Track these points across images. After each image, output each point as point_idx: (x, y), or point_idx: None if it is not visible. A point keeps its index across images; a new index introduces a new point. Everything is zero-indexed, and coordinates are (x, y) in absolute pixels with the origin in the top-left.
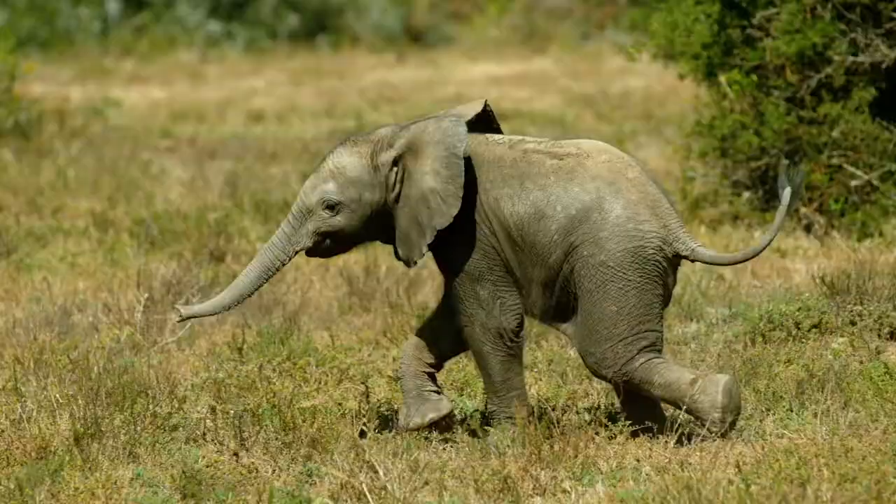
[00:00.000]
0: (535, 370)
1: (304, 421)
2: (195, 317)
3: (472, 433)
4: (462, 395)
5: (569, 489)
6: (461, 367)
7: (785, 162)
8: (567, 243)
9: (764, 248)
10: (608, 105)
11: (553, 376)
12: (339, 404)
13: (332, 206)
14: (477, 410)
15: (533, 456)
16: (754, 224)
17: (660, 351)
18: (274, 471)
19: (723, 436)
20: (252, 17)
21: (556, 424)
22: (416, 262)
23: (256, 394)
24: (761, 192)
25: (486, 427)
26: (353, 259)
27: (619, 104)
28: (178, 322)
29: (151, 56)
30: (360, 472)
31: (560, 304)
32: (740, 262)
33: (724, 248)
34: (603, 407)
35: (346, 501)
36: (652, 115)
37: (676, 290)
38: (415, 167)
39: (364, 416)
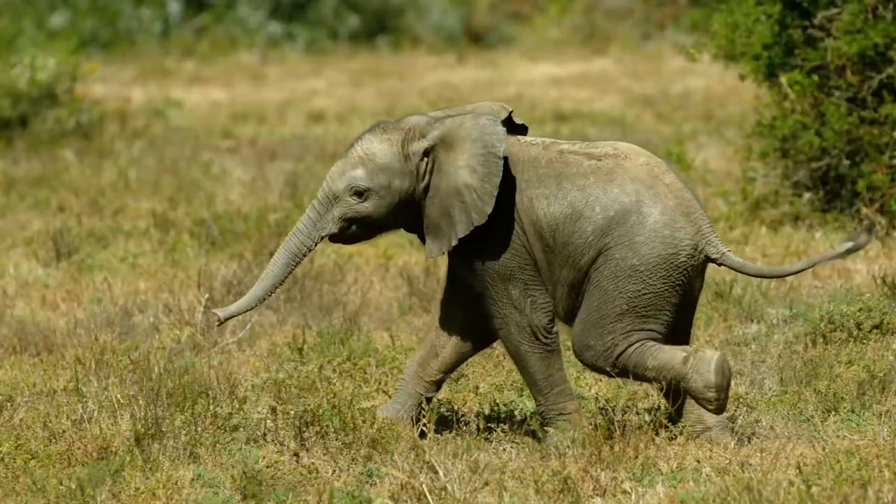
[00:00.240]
0: None
1: (364, 421)
2: (234, 316)
3: (533, 434)
4: (522, 396)
5: (629, 490)
6: None
7: (866, 225)
8: (601, 244)
9: (793, 273)
10: (668, 105)
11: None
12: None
13: (360, 193)
14: (538, 412)
15: (593, 457)
16: (815, 225)
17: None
18: (334, 471)
19: (718, 412)
20: (313, 18)
21: (616, 425)
22: (443, 252)
23: (317, 394)
24: (822, 193)
25: (545, 428)
26: (414, 259)
27: (679, 105)
28: (219, 326)
29: (212, 57)
30: (421, 472)
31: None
32: (765, 276)
33: (785, 248)
34: (663, 408)
35: (406, 502)
36: (712, 115)
37: (736, 291)
38: (447, 160)
39: (424, 416)
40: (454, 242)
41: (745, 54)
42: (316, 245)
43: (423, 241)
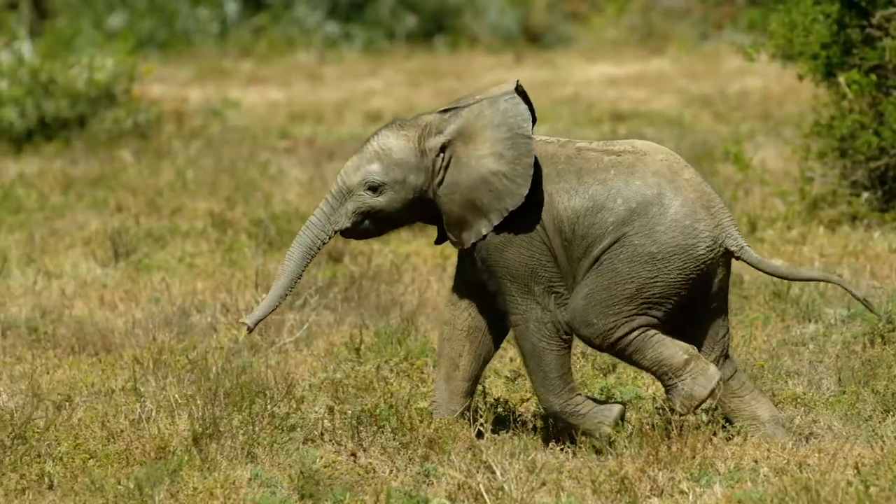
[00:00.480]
0: None
1: (421, 421)
2: (262, 319)
3: (586, 434)
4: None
5: (686, 490)
6: (578, 368)
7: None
8: (620, 233)
9: (807, 279)
10: (726, 105)
11: None
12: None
13: (375, 188)
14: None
15: (651, 457)
16: (873, 224)
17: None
18: (391, 471)
19: (678, 411)
20: (370, 18)
21: (674, 425)
22: (479, 240)
23: (374, 394)
24: (880, 193)
25: (584, 433)
26: None
27: (737, 104)
28: (249, 333)
29: (270, 57)
30: (478, 472)
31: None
32: (781, 276)
33: (843, 248)
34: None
35: (464, 502)
36: (770, 115)
37: (794, 291)
38: (466, 153)
39: (481, 416)
40: (485, 232)
41: (802, 54)
42: (330, 238)
43: (442, 236)
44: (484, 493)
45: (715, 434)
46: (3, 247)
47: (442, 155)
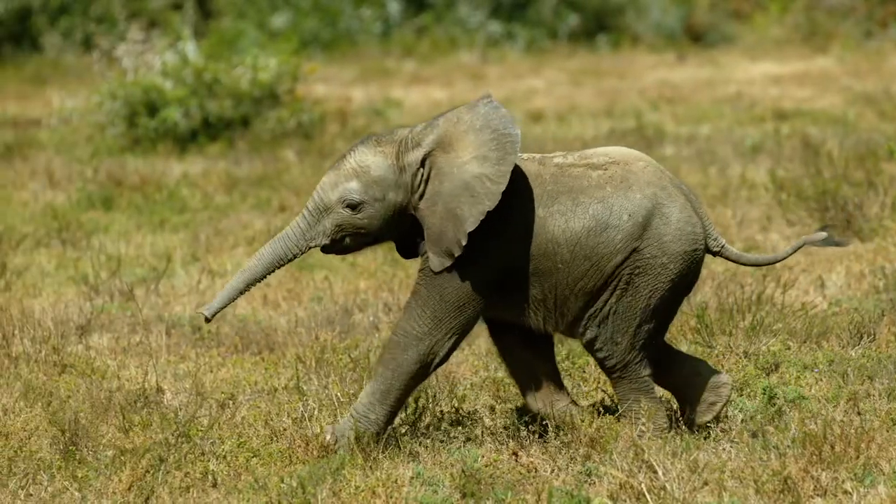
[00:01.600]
0: (816, 371)
1: (582, 420)
2: (220, 310)
3: (753, 434)
4: (742, 396)
5: (850, 490)
6: (740, 367)
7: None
8: (630, 249)
9: (782, 259)
10: (891, 104)
11: (834, 377)
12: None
13: (354, 206)
14: (758, 412)
15: (814, 457)
16: None
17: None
18: (553, 470)
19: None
20: (532, 18)
21: (838, 425)
22: (452, 261)
23: None
24: None
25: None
26: None
27: None
28: (207, 322)
29: (432, 57)
30: (639, 471)
31: (595, 310)
32: (760, 265)
33: None
34: (886, 408)
35: (625, 501)
36: None
37: None
38: (447, 162)
39: (643, 415)
40: (465, 241)
41: None
42: (302, 253)
43: (406, 252)
44: (646, 493)
45: (879, 434)
46: (168, 246)
47: (422, 169)
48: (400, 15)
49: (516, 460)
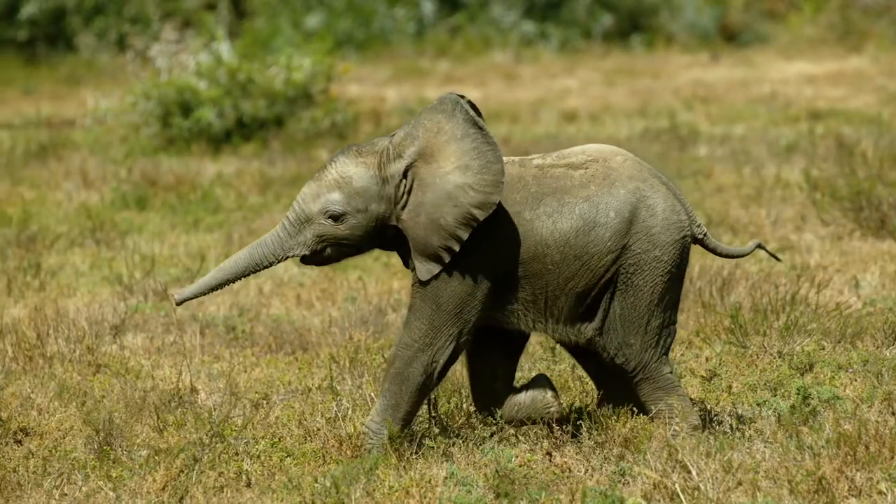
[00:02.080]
0: (850, 371)
1: (616, 420)
2: (189, 299)
3: (788, 434)
4: (776, 395)
5: (885, 491)
6: (775, 367)
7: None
8: (620, 246)
9: (748, 253)
10: None
11: (868, 377)
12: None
13: (336, 217)
14: (792, 412)
15: (848, 457)
16: None
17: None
18: (586, 470)
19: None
20: (566, 18)
21: (872, 425)
22: (440, 271)
23: (570, 393)
24: None
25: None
26: None
27: None
28: (177, 306)
29: (466, 57)
30: (673, 471)
31: (588, 309)
32: (733, 256)
33: None
34: None
35: (659, 501)
36: None
37: None
38: (430, 172)
39: (676, 414)
40: (456, 248)
41: None
42: (279, 262)
43: (406, 262)
44: (679, 493)
45: None
46: (202, 246)
47: (404, 180)
48: (434, 15)
49: (550, 460)
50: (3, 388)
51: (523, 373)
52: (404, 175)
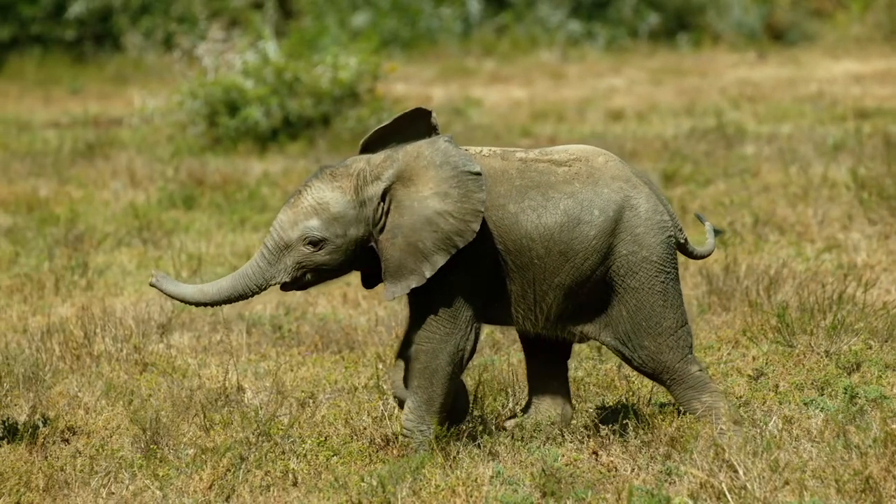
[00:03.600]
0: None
1: (663, 419)
2: (160, 290)
3: (835, 433)
4: (823, 395)
5: None
6: (822, 367)
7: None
8: (606, 245)
9: (712, 250)
10: None
11: None
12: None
13: (315, 243)
14: (839, 411)
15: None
16: None
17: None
18: (633, 469)
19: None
20: (613, 17)
21: None
22: (407, 291)
23: (616, 392)
24: None
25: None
26: (714, 258)
27: None
28: (150, 284)
29: (512, 56)
30: (720, 471)
31: (580, 307)
32: (704, 256)
33: None
34: None
35: (706, 501)
36: None
37: None
38: (408, 195)
39: (721, 413)
40: (429, 275)
41: None
42: (262, 291)
43: (368, 282)
44: (726, 492)
45: None
46: (248, 245)
47: (382, 203)
48: (480, 14)
49: (596, 459)
50: (51, 387)
51: (570, 371)
52: (382, 197)
